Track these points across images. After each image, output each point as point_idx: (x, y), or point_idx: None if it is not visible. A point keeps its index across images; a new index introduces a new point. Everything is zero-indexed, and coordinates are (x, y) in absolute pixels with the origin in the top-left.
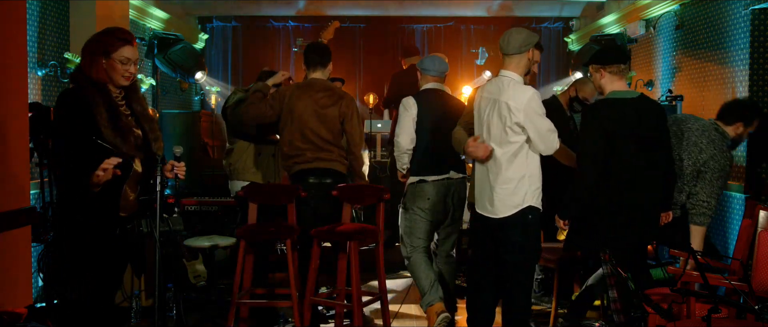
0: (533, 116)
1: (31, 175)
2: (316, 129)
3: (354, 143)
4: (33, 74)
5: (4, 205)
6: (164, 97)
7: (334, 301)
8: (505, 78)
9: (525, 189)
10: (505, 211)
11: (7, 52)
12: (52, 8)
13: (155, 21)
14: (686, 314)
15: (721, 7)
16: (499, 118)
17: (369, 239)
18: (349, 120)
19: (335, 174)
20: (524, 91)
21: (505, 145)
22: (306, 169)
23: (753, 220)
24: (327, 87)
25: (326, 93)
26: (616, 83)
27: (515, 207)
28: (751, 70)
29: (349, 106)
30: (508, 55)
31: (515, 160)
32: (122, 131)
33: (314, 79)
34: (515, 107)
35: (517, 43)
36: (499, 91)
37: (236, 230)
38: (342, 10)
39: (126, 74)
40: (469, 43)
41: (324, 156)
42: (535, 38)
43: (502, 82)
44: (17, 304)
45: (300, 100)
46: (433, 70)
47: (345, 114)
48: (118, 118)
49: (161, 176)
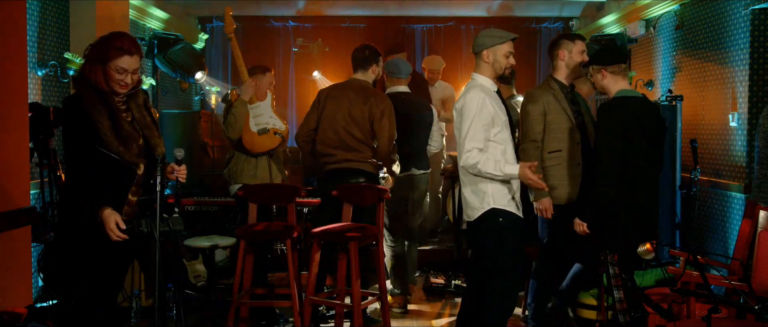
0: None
1: (31, 175)
2: (348, 128)
3: (382, 143)
4: (33, 74)
5: (4, 205)
6: (164, 97)
7: (334, 301)
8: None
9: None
10: (473, 214)
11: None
12: (52, 8)
13: (155, 21)
14: (686, 314)
15: (721, 7)
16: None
17: (369, 239)
18: (378, 120)
19: (365, 174)
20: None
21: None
22: (336, 168)
23: (753, 220)
24: (361, 87)
25: (359, 92)
26: (621, 82)
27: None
28: (751, 70)
29: (378, 106)
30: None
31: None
32: (125, 139)
33: (353, 79)
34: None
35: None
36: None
37: (236, 230)
38: (342, 10)
39: (121, 83)
40: (469, 43)
41: (354, 156)
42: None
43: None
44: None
45: (333, 100)
46: (404, 73)
47: (374, 114)
48: (121, 126)
49: (161, 177)
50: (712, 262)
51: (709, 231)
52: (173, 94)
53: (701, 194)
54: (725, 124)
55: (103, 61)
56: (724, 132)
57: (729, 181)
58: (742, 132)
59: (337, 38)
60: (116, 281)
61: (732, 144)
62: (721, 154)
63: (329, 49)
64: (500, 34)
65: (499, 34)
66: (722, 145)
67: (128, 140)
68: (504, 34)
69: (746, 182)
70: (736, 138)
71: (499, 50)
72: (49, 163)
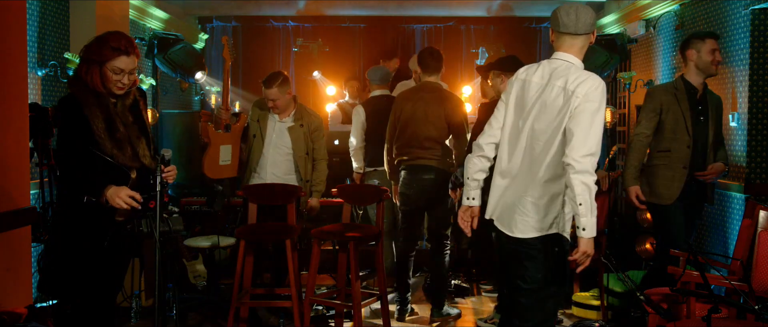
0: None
1: (31, 175)
2: (422, 129)
3: (458, 141)
4: (33, 74)
5: (4, 205)
6: (164, 97)
7: (334, 301)
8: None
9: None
10: (528, 232)
11: (7, 52)
12: (52, 8)
13: (155, 21)
14: (686, 314)
15: (721, 7)
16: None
17: (369, 239)
18: (452, 119)
19: (436, 170)
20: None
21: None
22: (410, 165)
23: (753, 220)
24: (434, 88)
25: (433, 94)
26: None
27: (541, 230)
28: (751, 70)
29: (451, 106)
30: (577, 34)
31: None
32: (119, 142)
33: (426, 82)
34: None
35: (589, 21)
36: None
37: (236, 230)
38: (342, 10)
39: (119, 84)
40: (469, 43)
41: (426, 154)
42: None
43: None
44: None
45: (408, 102)
46: (376, 79)
47: (449, 114)
48: (116, 129)
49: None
50: (712, 262)
51: (709, 231)
52: (173, 94)
53: None
54: (725, 124)
55: (100, 62)
56: (724, 132)
57: (729, 181)
58: (742, 132)
59: (337, 38)
60: (115, 280)
61: (732, 144)
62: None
63: (329, 49)
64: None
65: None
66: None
67: (122, 143)
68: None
69: (746, 182)
70: (736, 138)
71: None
72: (49, 163)
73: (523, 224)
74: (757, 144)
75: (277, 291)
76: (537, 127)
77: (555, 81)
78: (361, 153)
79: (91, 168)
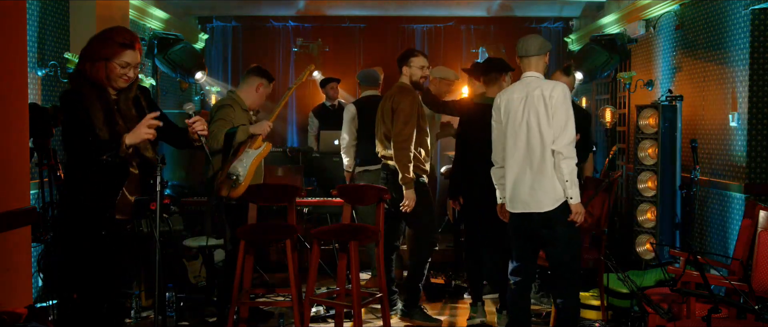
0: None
1: (31, 175)
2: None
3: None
4: (33, 74)
5: (4, 205)
6: (164, 97)
7: (334, 301)
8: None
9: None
10: (550, 205)
11: (7, 52)
12: (52, 8)
13: (155, 21)
14: (686, 314)
15: (721, 7)
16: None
17: (369, 239)
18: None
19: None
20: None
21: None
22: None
23: (753, 220)
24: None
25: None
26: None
27: (557, 200)
28: (751, 70)
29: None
30: (530, 56)
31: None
32: (118, 135)
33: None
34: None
35: (537, 45)
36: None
37: (236, 230)
38: (342, 10)
39: (125, 78)
40: (469, 43)
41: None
42: (549, 44)
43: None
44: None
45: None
46: (365, 81)
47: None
48: (115, 122)
49: (161, 177)
50: (712, 262)
51: (709, 231)
52: (173, 94)
53: (701, 194)
54: (725, 124)
55: (107, 57)
56: (724, 132)
57: (729, 181)
58: (742, 132)
59: (337, 38)
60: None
61: (732, 144)
62: (721, 154)
63: (329, 49)
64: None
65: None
66: (722, 145)
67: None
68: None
69: (746, 182)
70: (736, 138)
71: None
72: (48, 163)
73: (546, 199)
74: (757, 144)
75: (278, 291)
76: (532, 126)
77: (533, 91)
78: (353, 150)
79: (89, 157)
